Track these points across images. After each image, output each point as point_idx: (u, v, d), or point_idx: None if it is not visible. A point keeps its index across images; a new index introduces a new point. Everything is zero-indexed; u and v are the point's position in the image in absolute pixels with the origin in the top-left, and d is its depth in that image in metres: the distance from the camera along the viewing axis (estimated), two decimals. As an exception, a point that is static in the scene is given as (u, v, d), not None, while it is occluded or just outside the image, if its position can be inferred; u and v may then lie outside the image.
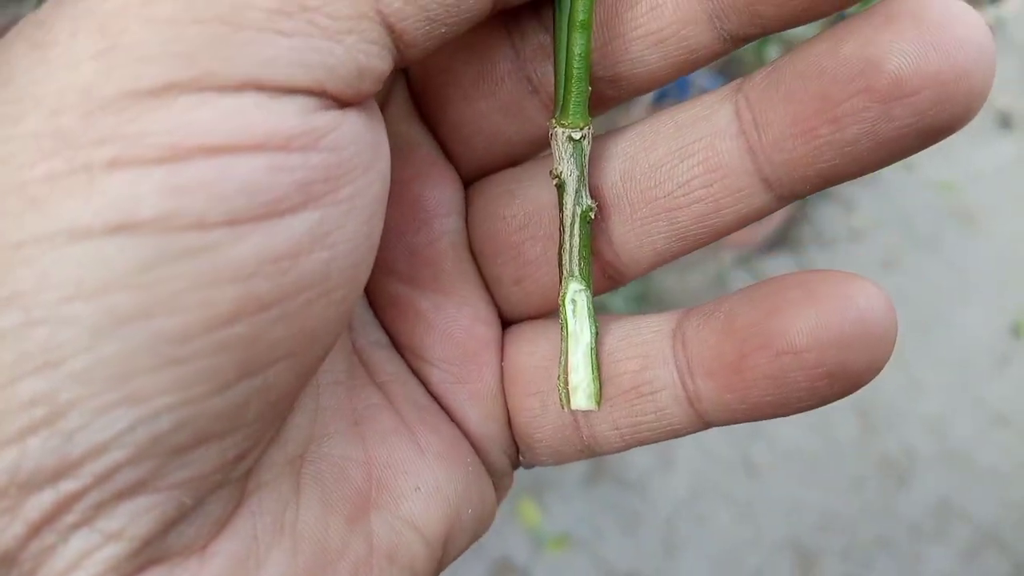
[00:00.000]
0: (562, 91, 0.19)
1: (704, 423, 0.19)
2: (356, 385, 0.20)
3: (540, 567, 1.05)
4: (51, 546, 0.13)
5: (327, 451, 0.18)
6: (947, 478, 1.14)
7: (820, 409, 0.18)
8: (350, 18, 0.14)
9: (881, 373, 0.18)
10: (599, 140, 0.20)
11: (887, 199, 1.40)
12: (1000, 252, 1.35)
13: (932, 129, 0.16)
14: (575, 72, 0.18)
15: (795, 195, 0.18)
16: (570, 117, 0.19)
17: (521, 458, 0.22)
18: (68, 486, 0.13)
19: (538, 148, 0.21)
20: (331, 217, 0.14)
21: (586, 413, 0.20)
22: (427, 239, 0.21)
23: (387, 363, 0.21)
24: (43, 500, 0.13)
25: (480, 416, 0.21)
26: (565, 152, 0.19)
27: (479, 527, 0.21)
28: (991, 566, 1.07)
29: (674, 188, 0.19)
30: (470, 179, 0.22)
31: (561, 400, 0.20)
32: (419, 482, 0.19)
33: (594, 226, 0.20)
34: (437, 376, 0.21)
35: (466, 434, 0.21)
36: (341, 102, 0.14)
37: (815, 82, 0.17)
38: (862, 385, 0.17)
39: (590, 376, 0.20)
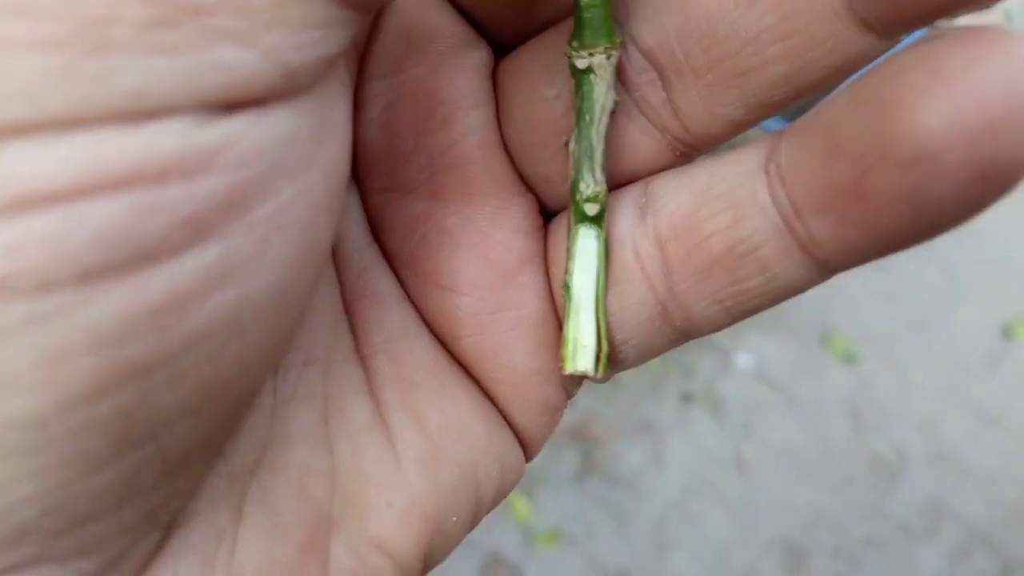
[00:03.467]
0: None
1: (829, 269, 0.15)
2: (335, 362, 0.17)
3: (531, 562, 1.05)
4: None
5: (285, 460, 0.15)
6: (938, 478, 1.14)
7: (812, 408, 0.17)
8: (271, 7, 0.10)
9: (872, 373, 0.16)
10: None
11: (881, 199, 1.41)
12: (992, 254, 1.35)
13: None
14: None
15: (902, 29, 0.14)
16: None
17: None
18: None
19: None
20: (239, 248, 0.11)
21: (674, 293, 0.16)
22: (448, 139, 0.17)
23: (384, 323, 0.17)
24: None
25: (528, 347, 0.17)
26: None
27: (484, 509, 0.18)
28: (981, 566, 1.08)
29: (741, 46, 0.15)
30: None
31: (564, 358, 0.17)
32: (391, 497, 0.16)
33: (653, 95, 0.16)
34: (466, 309, 0.17)
35: (500, 385, 0.18)
36: (257, 103, 0.11)
37: None
38: (1021, 179, 0.12)
39: (596, 333, 0.17)
